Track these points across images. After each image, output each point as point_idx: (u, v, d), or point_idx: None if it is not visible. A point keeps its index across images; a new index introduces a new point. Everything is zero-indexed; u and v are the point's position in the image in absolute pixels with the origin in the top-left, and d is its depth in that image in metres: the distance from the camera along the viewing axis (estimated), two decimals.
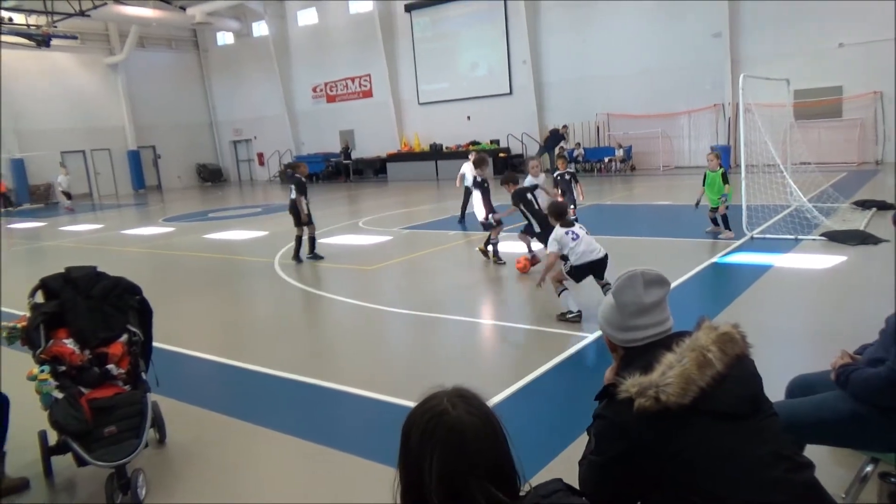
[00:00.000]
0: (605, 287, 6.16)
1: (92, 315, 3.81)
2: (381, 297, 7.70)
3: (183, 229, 15.99)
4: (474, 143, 25.16)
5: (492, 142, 24.95)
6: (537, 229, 7.84)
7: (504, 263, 8.86)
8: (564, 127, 22.58)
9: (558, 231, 6.15)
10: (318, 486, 3.64)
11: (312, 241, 10.30)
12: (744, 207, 9.72)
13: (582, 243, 6.10)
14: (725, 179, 9.63)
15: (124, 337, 3.88)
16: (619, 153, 22.10)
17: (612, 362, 1.96)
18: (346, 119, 29.61)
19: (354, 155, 28.63)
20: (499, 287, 8.00)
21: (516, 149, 24.85)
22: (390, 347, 6.12)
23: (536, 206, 7.97)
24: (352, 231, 13.12)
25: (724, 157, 9.55)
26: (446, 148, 25.70)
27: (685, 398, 1.60)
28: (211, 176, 34.24)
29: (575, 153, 22.77)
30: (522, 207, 7.97)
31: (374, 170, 28.04)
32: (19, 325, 3.73)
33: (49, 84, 28.76)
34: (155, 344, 4.17)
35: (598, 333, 5.65)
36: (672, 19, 20.95)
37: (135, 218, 20.05)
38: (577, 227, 6.23)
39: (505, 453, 1.34)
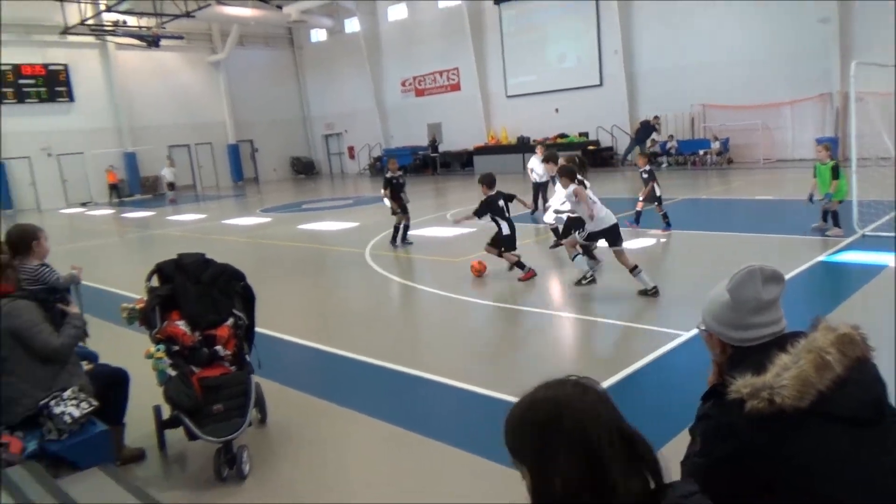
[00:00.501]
0: (634, 270, 6.71)
1: (201, 299, 4.05)
2: (467, 289, 7.74)
3: (279, 220, 16.63)
4: (562, 135, 24.82)
5: (580, 134, 24.53)
6: (506, 232, 7.91)
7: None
8: (656, 118, 21.87)
9: (573, 188, 6.88)
10: (405, 469, 3.73)
11: (405, 229, 10.93)
12: (854, 203, 9.11)
13: (603, 209, 6.82)
14: (836, 174, 9.01)
15: (230, 320, 4.10)
16: (716, 146, 21.21)
17: (712, 361, 1.89)
18: (434, 112, 29.87)
19: (441, 148, 28.87)
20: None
21: (606, 141, 24.32)
22: (476, 338, 6.16)
23: (507, 214, 8.01)
24: (439, 223, 13.26)
25: (832, 149, 8.96)
26: (533, 141, 25.47)
27: (802, 401, 1.53)
28: (304, 169, 35.43)
29: (668, 146, 22.03)
30: (492, 215, 7.94)
31: (461, 163, 28.18)
32: (137, 307, 4.01)
33: (158, 82, 30.58)
34: (256, 328, 4.39)
35: (691, 333, 5.48)
36: (775, 4, 19.86)
37: (234, 208, 21.06)
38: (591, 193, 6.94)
39: (640, 437, 1.31)
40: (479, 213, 7.92)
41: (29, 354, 3.40)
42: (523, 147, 25.27)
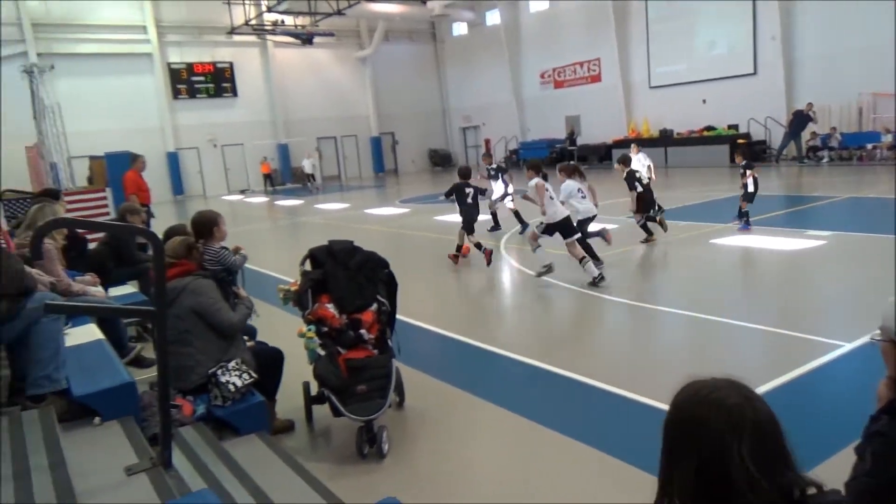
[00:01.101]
0: (582, 261, 7.56)
1: (349, 284, 4.28)
2: (610, 287, 7.58)
3: (416, 210, 17.12)
4: (709, 128, 23.50)
5: (729, 127, 23.09)
6: (461, 217, 9.47)
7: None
8: (809, 105, 20.01)
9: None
10: (536, 462, 3.73)
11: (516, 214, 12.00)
12: None
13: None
14: None
15: (374, 306, 4.30)
16: (887, 139, 19.12)
17: (887, 376, 1.73)
18: (573, 104, 29.34)
19: (579, 141, 28.31)
20: (733, 281, 7.45)
21: (759, 134, 22.72)
22: (619, 339, 6.02)
23: (469, 201, 9.37)
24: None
25: None
26: (677, 134, 24.35)
27: None
28: (441, 161, 36.19)
29: (829, 139, 20.18)
30: (454, 199, 9.45)
31: (599, 156, 27.48)
32: (292, 289, 4.31)
33: (310, 78, 32.47)
34: (397, 315, 4.57)
35: (853, 344, 5.02)
36: None
37: (375, 199, 21.93)
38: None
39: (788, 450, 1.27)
40: (447, 193, 9.65)
41: (208, 328, 3.78)
42: (666, 140, 24.22)
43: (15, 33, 24.61)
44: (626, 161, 10.11)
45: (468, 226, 9.44)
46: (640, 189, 9.73)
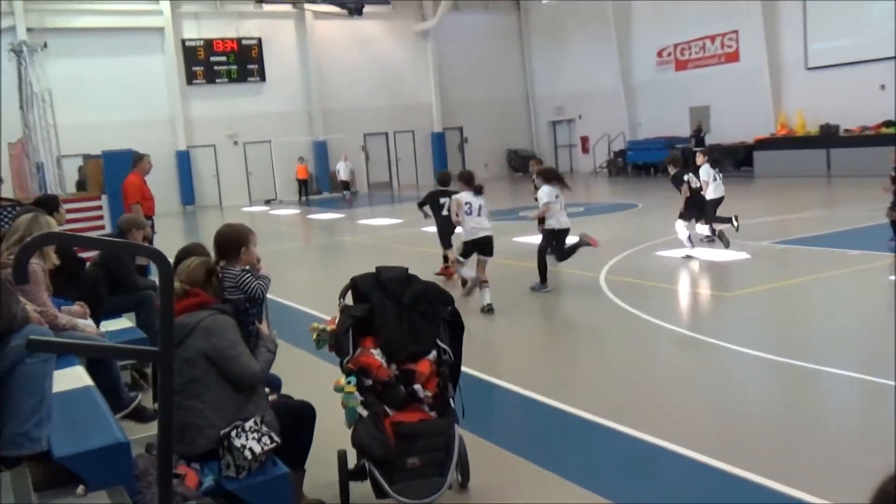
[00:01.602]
0: (483, 284, 9.22)
1: (401, 325, 4.33)
2: (736, 334, 7.41)
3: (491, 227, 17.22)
4: (888, 123, 22.71)
5: None
6: (435, 228, 11.29)
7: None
8: None
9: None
10: None
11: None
12: None
13: (473, 219, 9.21)
14: None
15: (433, 354, 4.32)
16: None
17: None
18: (700, 92, 28.97)
19: (709, 139, 27.85)
20: None
21: None
22: (745, 402, 5.86)
23: (445, 212, 10.56)
24: (702, 242, 12.80)
25: None
26: (845, 131, 23.62)
27: None
28: (523, 165, 36.15)
29: None
30: (428, 209, 11.25)
31: (736, 160, 26.92)
32: (329, 328, 4.39)
33: (357, 56, 33.27)
34: (462, 367, 4.58)
35: None
36: None
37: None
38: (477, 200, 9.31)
39: None
40: (421, 203, 11.46)
41: (221, 378, 3.87)
42: (829, 139, 23.54)
43: (2, 5, 26.20)
44: (676, 161, 12.33)
45: (444, 239, 11.01)
46: (689, 193, 11.60)
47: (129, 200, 10.77)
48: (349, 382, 4.15)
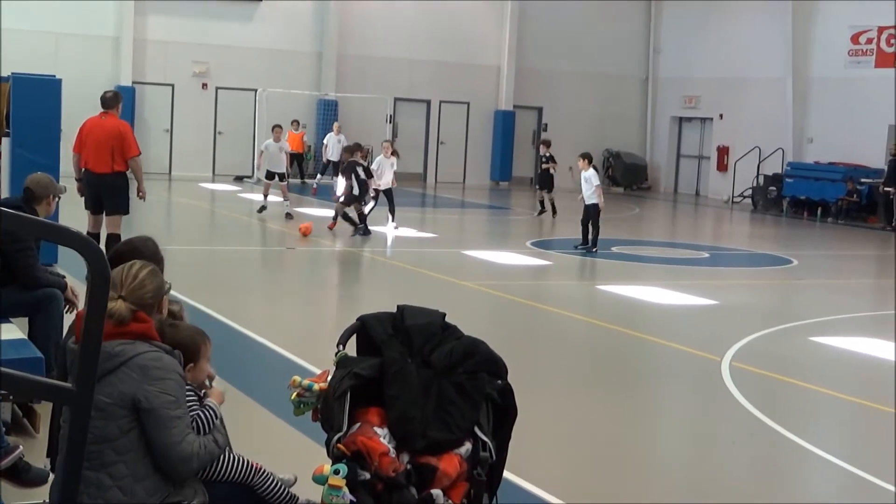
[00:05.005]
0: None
1: (425, 397, 4.32)
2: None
3: (563, 266, 17.40)
4: None
5: None
6: (356, 191, 18.59)
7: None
8: None
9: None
10: None
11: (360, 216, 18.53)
12: None
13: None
14: None
15: (465, 446, 4.30)
16: None
17: None
18: None
19: None
20: None
21: None
22: None
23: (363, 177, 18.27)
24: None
25: None
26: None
27: None
28: (626, 176, 35.79)
29: None
30: (353, 177, 18.34)
31: None
32: (317, 387, 4.40)
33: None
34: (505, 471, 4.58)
35: None
36: None
37: (486, 231, 22.15)
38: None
39: None
40: (344, 171, 18.73)
41: (144, 445, 3.92)
42: None
43: None
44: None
45: (355, 198, 18.00)
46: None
47: (133, 151, 12.44)
48: (336, 472, 4.13)
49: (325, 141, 29.47)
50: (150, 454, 3.90)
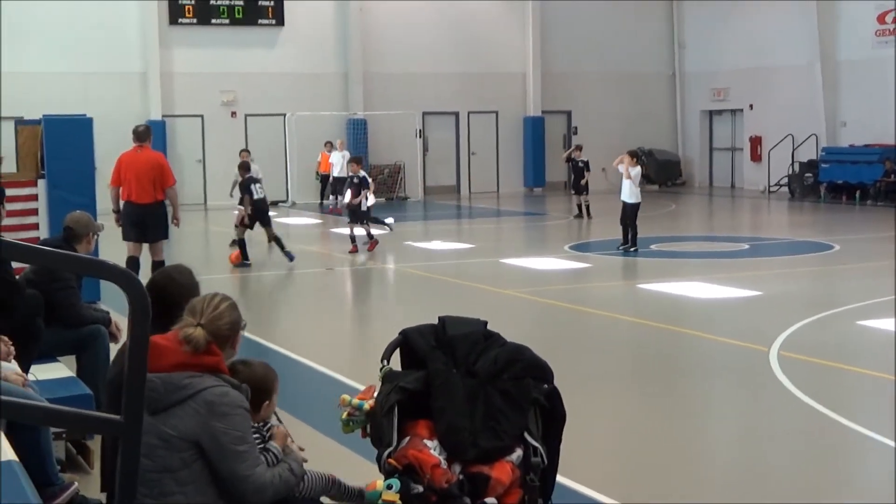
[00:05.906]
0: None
1: (472, 407, 4.33)
2: None
3: (602, 268, 17.35)
4: None
5: None
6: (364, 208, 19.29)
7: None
8: None
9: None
10: None
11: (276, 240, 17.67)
12: None
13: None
14: None
15: (516, 453, 4.31)
16: None
17: None
18: None
19: None
20: None
21: None
22: None
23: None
24: None
25: None
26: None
27: None
28: (660, 173, 35.64)
29: None
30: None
31: None
32: (366, 405, 4.41)
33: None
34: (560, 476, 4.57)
35: None
36: None
37: (522, 237, 22.13)
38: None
39: None
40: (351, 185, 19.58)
41: (209, 477, 3.93)
42: None
43: None
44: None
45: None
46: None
47: (171, 181, 13.21)
48: (389, 487, 4.15)
49: (330, 160, 29.47)
50: (213, 485, 3.93)
